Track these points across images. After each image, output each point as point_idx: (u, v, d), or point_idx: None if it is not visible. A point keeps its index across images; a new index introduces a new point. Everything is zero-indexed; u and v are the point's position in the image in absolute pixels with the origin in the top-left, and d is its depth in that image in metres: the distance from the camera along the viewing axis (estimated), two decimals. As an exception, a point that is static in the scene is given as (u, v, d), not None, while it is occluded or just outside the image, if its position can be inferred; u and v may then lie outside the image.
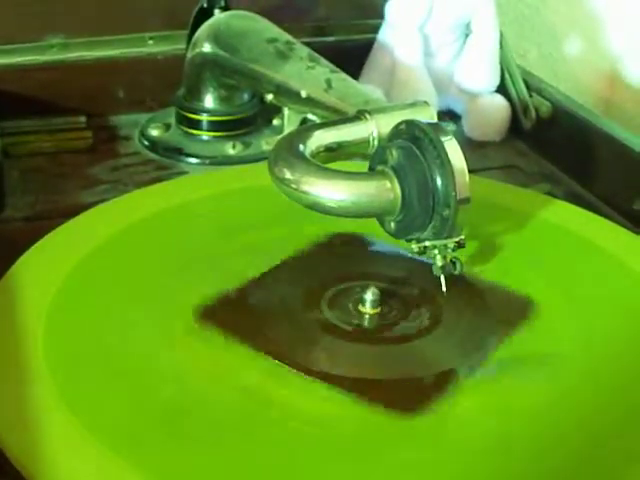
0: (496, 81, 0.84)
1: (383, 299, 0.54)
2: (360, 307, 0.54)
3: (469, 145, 0.82)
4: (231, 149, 0.77)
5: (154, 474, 0.42)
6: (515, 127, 0.84)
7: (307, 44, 0.73)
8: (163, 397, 0.48)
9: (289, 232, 0.61)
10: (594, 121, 0.77)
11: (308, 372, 0.49)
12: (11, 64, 0.80)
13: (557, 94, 0.82)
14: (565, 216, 0.65)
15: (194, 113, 0.78)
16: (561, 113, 0.80)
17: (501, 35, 0.84)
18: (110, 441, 0.44)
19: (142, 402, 0.47)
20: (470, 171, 0.53)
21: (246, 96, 0.79)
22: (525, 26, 1.00)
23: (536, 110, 0.82)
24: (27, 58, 0.81)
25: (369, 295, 0.54)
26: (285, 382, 0.49)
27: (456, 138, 0.53)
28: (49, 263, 0.56)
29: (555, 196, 0.71)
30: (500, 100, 0.84)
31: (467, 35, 0.85)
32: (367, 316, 0.54)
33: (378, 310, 0.54)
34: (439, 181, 0.52)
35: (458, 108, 0.86)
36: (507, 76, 0.85)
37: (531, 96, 0.83)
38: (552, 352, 0.53)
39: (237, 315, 0.54)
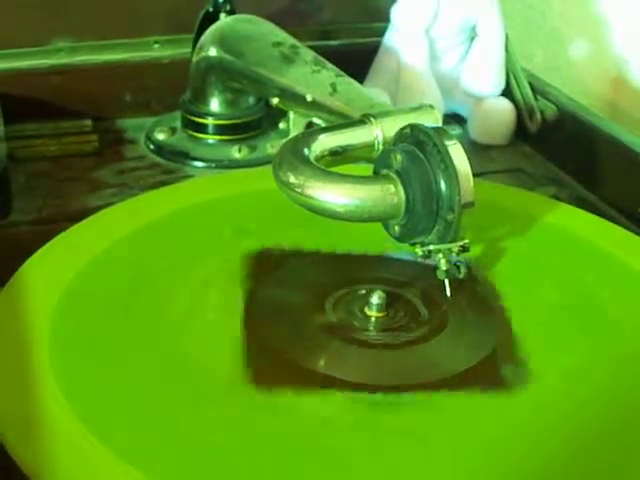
0: (502, 84, 0.84)
1: (389, 303, 0.55)
2: (366, 311, 0.54)
3: (475, 148, 0.82)
4: (237, 153, 0.77)
5: (154, 472, 0.43)
6: (521, 130, 0.84)
7: (312, 48, 0.73)
8: (168, 402, 0.48)
9: (294, 236, 0.61)
10: (600, 124, 0.77)
11: (312, 375, 0.50)
12: (17, 68, 0.81)
13: (563, 97, 0.82)
14: (570, 219, 0.65)
15: (200, 117, 0.79)
16: (567, 116, 0.80)
17: (507, 38, 0.84)
18: (115, 445, 0.44)
19: (147, 406, 0.47)
20: (476, 174, 0.53)
21: (252, 100, 0.80)
22: (530, 30, 1.00)
23: (542, 113, 0.82)
24: (33, 62, 0.81)
25: (375, 299, 0.54)
26: (289, 385, 0.49)
27: (462, 142, 0.53)
28: (55, 267, 0.57)
29: (560, 199, 0.71)
30: (506, 103, 0.84)
31: (473, 38, 0.85)
32: (373, 319, 0.54)
33: (384, 314, 0.54)
34: (443, 185, 0.52)
35: (464, 112, 0.86)
36: (513, 79, 0.85)
37: (537, 99, 0.83)
38: (555, 355, 0.53)
39: (241, 315, 0.54)
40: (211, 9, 0.79)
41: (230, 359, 0.51)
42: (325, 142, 0.56)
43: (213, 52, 0.76)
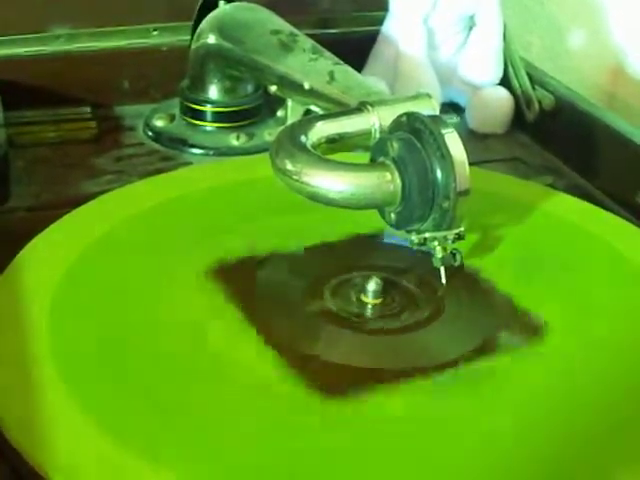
0: (499, 74, 0.85)
1: (385, 289, 0.55)
2: (362, 297, 0.55)
3: (472, 137, 0.82)
4: (235, 140, 0.77)
5: (154, 459, 0.43)
6: (518, 120, 0.84)
7: (311, 36, 0.72)
8: (169, 386, 0.48)
9: (291, 223, 0.62)
10: (597, 114, 0.77)
11: (305, 359, 0.50)
12: (17, 54, 0.81)
13: (560, 87, 0.82)
14: (567, 208, 0.66)
15: (198, 104, 0.79)
16: (564, 106, 0.81)
17: (505, 28, 0.84)
18: (113, 430, 0.44)
19: (147, 390, 0.48)
20: (473, 163, 0.53)
21: (250, 87, 0.80)
22: (529, 19, 1.00)
23: (539, 103, 0.83)
24: (32, 49, 0.81)
25: (371, 285, 0.54)
26: (282, 368, 0.49)
27: (459, 130, 0.53)
28: (53, 253, 0.57)
29: (557, 188, 0.71)
30: (503, 93, 0.84)
31: (471, 28, 0.85)
32: (369, 306, 0.54)
33: (380, 300, 0.55)
34: (439, 173, 0.52)
35: (461, 100, 0.86)
36: (510, 69, 0.85)
37: (534, 89, 0.83)
38: (551, 345, 0.53)
39: (241, 301, 0.54)
40: (210, -4, 0.79)
41: (230, 344, 0.51)
42: (322, 130, 0.56)
43: (212, 39, 0.76)
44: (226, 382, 0.49)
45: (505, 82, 0.85)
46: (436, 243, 0.54)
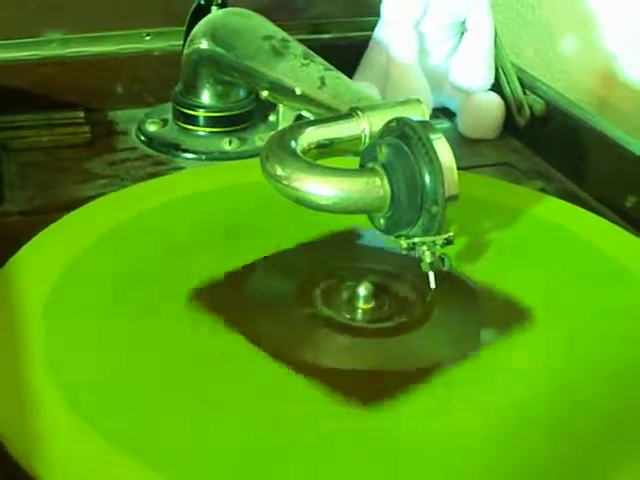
0: (491, 79, 0.85)
1: (376, 294, 0.55)
2: (353, 302, 0.55)
3: (463, 142, 0.83)
4: (227, 145, 0.78)
5: (152, 464, 0.43)
6: (509, 125, 0.84)
7: (303, 42, 0.73)
8: (163, 388, 0.48)
9: (282, 227, 0.62)
10: (587, 119, 0.78)
11: (296, 364, 0.50)
12: (10, 59, 0.81)
13: (551, 92, 0.83)
14: (557, 213, 0.66)
15: (191, 109, 0.79)
16: (555, 111, 0.81)
17: (496, 33, 0.84)
18: (109, 434, 0.44)
19: (141, 392, 0.48)
20: (464, 168, 0.53)
21: (242, 92, 0.80)
22: (520, 25, 1.00)
23: (530, 108, 0.83)
24: (26, 53, 0.81)
25: (362, 290, 0.55)
26: (272, 373, 0.50)
27: (450, 136, 0.54)
28: (46, 257, 0.57)
29: (548, 193, 0.72)
30: (494, 98, 0.84)
31: (462, 33, 0.85)
32: (360, 310, 0.55)
33: (371, 305, 0.55)
34: (427, 178, 0.52)
35: (453, 106, 0.87)
36: (502, 74, 0.85)
37: (525, 94, 0.84)
38: (541, 347, 0.53)
39: (230, 306, 0.54)
40: (203, 2, 0.79)
41: (224, 344, 0.51)
42: (312, 135, 0.57)
43: (204, 45, 0.76)
44: (222, 385, 0.49)
45: (496, 87, 0.85)
46: (425, 248, 0.54)
